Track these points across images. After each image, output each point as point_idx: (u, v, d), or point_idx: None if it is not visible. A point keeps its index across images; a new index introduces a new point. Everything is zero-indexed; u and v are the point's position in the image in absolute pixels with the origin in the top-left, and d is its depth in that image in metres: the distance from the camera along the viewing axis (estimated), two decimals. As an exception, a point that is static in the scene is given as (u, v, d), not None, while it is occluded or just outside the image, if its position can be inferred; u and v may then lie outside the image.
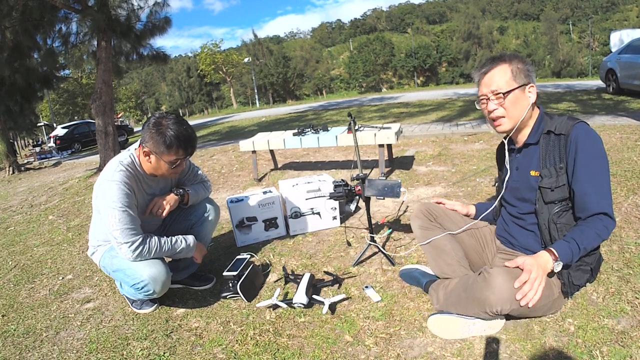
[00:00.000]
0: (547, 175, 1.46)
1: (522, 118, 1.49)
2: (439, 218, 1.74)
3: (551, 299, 1.44)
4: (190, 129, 1.82)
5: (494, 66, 1.50)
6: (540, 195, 1.49)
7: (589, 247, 1.38)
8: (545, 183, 1.46)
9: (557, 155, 1.46)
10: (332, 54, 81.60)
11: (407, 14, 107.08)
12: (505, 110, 1.49)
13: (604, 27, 57.94)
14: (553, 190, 1.45)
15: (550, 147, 1.48)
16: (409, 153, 4.62)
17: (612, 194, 1.42)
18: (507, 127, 1.52)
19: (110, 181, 1.74)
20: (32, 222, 4.36)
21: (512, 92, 1.46)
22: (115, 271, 1.89)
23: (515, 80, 1.47)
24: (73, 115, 31.06)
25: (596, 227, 1.36)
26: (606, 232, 1.37)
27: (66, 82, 22.98)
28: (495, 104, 1.50)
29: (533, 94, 1.50)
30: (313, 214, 2.72)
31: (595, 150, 1.40)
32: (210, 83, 53.69)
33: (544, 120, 1.52)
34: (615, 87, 7.89)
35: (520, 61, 1.49)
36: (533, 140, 1.53)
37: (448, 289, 1.55)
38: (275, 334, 1.68)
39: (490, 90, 1.50)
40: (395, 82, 57.25)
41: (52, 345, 1.84)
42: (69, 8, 6.82)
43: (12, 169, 10.12)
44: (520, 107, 1.48)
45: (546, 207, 1.48)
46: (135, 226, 1.74)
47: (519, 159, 1.59)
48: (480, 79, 1.55)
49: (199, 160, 5.88)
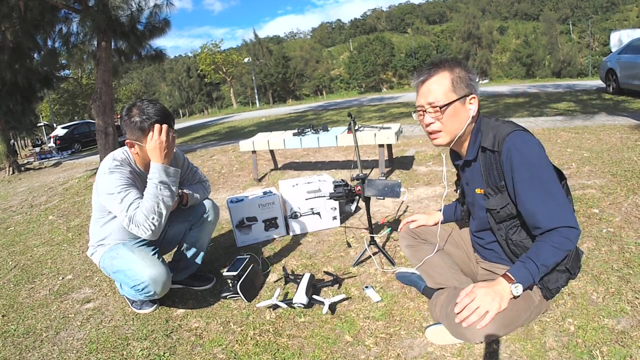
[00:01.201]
0: (492, 195, 1.39)
1: (460, 133, 1.39)
2: (422, 234, 1.78)
3: (531, 307, 1.40)
4: (159, 105, 1.75)
5: (433, 74, 1.37)
6: (491, 215, 1.43)
7: (550, 262, 1.30)
8: (491, 204, 1.40)
9: (496, 174, 1.37)
10: (332, 54, 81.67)
11: (407, 14, 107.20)
12: (442, 125, 1.38)
13: (604, 27, 58.00)
14: (498, 211, 1.38)
15: (488, 165, 1.39)
16: (409, 153, 4.62)
17: (567, 201, 1.33)
18: (444, 141, 1.41)
19: (107, 173, 1.72)
20: (32, 222, 4.36)
21: (450, 104, 1.34)
22: (115, 272, 1.88)
23: (455, 91, 1.34)
24: (73, 115, 31.06)
25: (553, 241, 1.28)
26: (568, 243, 1.28)
27: (66, 82, 23.00)
28: (432, 117, 1.38)
29: (475, 105, 1.38)
30: (313, 214, 2.72)
31: (531, 162, 1.28)
32: (210, 83, 53.73)
33: (480, 132, 1.40)
34: (615, 87, 7.90)
35: (463, 69, 1.37)
36: (471, 157, 1.43)
37: (440, 301, 1.52)
38: (275, 334, 1.68)
39: (427, 102, 1.37)
40: (395, 82, 57.29)
41: (52, 345, 1.84)
42: (69, 8, 6.82)
43: (12, 169, 10.11)
44: (459, 120, 1.37)
45: (500, 225, 1.43)
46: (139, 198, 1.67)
47: (467, 175, 1.52)
48: (418, 88, 1.41)
49: (199, 160, 5.88)
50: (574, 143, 4.03)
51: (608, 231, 2.13)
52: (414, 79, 1.44)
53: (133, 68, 12.59)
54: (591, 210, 2.40)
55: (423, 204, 3.00)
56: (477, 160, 1.43)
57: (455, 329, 1.38)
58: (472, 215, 1.61)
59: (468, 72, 1.37)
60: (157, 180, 1.67)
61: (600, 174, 3.00)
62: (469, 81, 1.36)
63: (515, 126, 1.35)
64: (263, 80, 52.75)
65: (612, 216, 2.29)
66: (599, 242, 2.03)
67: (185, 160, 2.18)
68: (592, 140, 4.05)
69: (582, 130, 4.59)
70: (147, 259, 1.81)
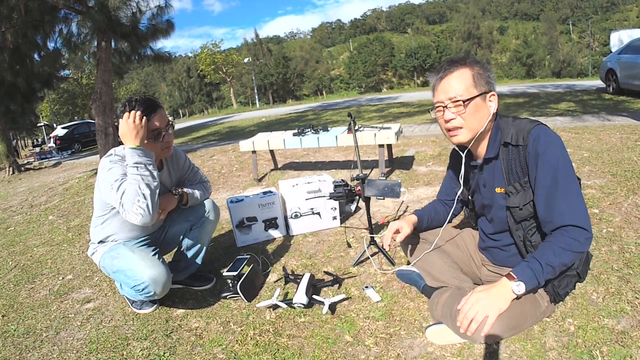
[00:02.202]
0: (513, 193, 1.36)
1: (481, 130, 1.37)
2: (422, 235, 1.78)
3: (538, 312, 1.40)
4: (148, 95, 1.79)
5: (453, 70, 1.36)
6: (510, 214, 1.40)
7: (556, 263, 1.25)
8: (512, 202, 1.36)
9: (520, 169, 1.35)
10: (332, 54, 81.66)
11: (407, 14, 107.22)
12: (463, 121, 1.36)
13: (604, 27, 58.00)
14: (521, 208, 1.35)
15: (511, 161, 1.36)
16: (409, 153, 4.62)
17: (584, 203, 1.31)
18: (465, 138, 1.39)
19: (107, 167, 1.73)
20: (32, 222, 4.36)
21: (472, 100, 1.33)
22: (115, 272, 1.88)
23: (477, 87, 1.34)
24: (73, 115, 31.06)
25: (560, 242, 1.25)
26: (576, 244, 1.24)
27: (66, 82, 22.99)
28: (453, 112, 1.36)
29: (494, 102, 1.37)
30: (313, 214, 2.72)
31: (556, 155, 1.28)
32: (210, 83, 53.73)
33: (500, 129, 1.39)
34: (615, 87, 7.90)
35: (481, 67, 1.37)
36: (492, 154, 1.40)
37: (442, 300, 1.51)
38: (275, 334, 1.68)
39: (448, 97, 1.35)
40: (395, 82, 57.28)
41: (52, 345, 1.84)
42: (70, 8, 6.82)
43: (12, 169, 10.11)
44: (480, 117, 1.36)
45: (518, 225, 1.40)
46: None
47: (484, 176, 1.48)
48: (437, 84, 1.40)
49: (199, 160, 5.88)
50: (574, 143, 4.03)
51: (608, 231, 2.13)
52: (432, 76, 1.43)
53: (133, 68, 12.52)
54: (591, 210, 2.40)
55: (423, 204, 3.00)
56: (498, 158, 1.41)
57: (459, 329, 1.38)
58: (486, 217, 1.58)
59: (487, 71, 1.38)
60: (132, 162, 1.66)
61: (600, 174, 3.00)
62: (488, 79, 1.37)
63: (538, 122, 1.36)
64: (263, 80, 52.76)
65: (612, 216, 2.29)
66: (599, 242, 2.03)
67: (186, 160, 2.18)
68: (592, 140, 4.05)
69: (582, 130, 4.59)
70: (148, 259, 1.81)
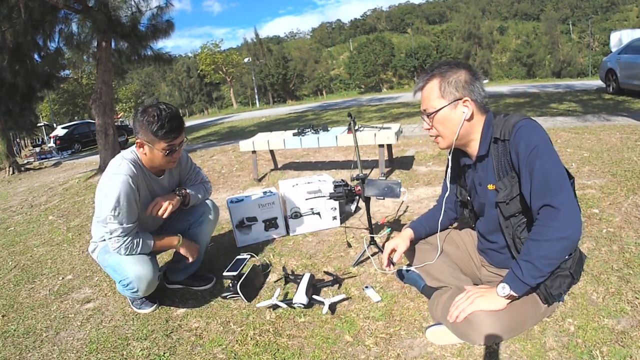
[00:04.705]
0: (503, 188, 1.37)
1: (457, 135, 1.40)
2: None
3: (538, 313, 1.41)
4: (174, 109, 1.80)
5: (425, 83, 1.44)
6: (500, 210, 1.41)
7: (533, 256, 1.24)
8: (500, 197, 1.38)
9: (507, 164, 1.36)
10: (332, 54, 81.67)
11: (407, 14, 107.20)
12: (437, 130, 1.44)
13: (604, 27, 58.02)
14: (508, 203, 1.36)
15: (500, 156, 1.38)
16: (409, 153, 4.62)
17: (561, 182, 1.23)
18: (444, 145, 1.47)
19: (116, 174, 1.76)
20: (32, 222, 4.36)
21: (438, 111, 1.40)
22: (106, 267, 1.94)
23: (445, 96, 1.38)
24: (73, 115, 31.04)
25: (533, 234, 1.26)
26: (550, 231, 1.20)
27: (66, 82, 22.97)
28: (427, 123, 1.46)
29: (468, 108, 1.38)
30: (313, 214, 2.72)
31: (536, 141, 1.26)
32: (210, 83, 53.72)
33: (491, 126, 1.40)
34: (615, 87, 7.90)
35: (454, 73, 1.38)
36: (483, 152, 1.42)
37: (442, 301, 1.51)
38: (275, 334, 1.68)
39: (422, 109, 1.47)
40: (395, 82, 57.27)
41: (52, 345, 1.84)
42: (70, 8, 6.82)
43: (12, 169, 10.11)
44: (452, 125, 1.40)
45: (508, 221, 1.41)
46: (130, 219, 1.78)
47: (479, 174, 1.49)
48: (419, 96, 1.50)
49: (199, 160, 5.88)
50: (574, 143, 4.03)
51: (608, 231, 2.13)
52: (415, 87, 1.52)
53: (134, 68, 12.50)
54: (591, 210, 2.40)
55: (423, 204, 3.00)
56: (489, 155, 1.43)
57: (458, 330, 1.38)
58: (482, 217, 1.59)
59: (458, 75, 1.38)
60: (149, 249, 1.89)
61: (600, 174, 3.00)
62: (464, 84, 1.37)
63: (526, 116, 1.36)
64: (263, 80, 52.73)
65: (612, 216, 2.29)
66: (599, 242, 2.03)
67: (188, 160, 2.18)
68: (592, 140, 4.05)
69: (582, 130, 4.59)
70: (136, 257, 1.84)
